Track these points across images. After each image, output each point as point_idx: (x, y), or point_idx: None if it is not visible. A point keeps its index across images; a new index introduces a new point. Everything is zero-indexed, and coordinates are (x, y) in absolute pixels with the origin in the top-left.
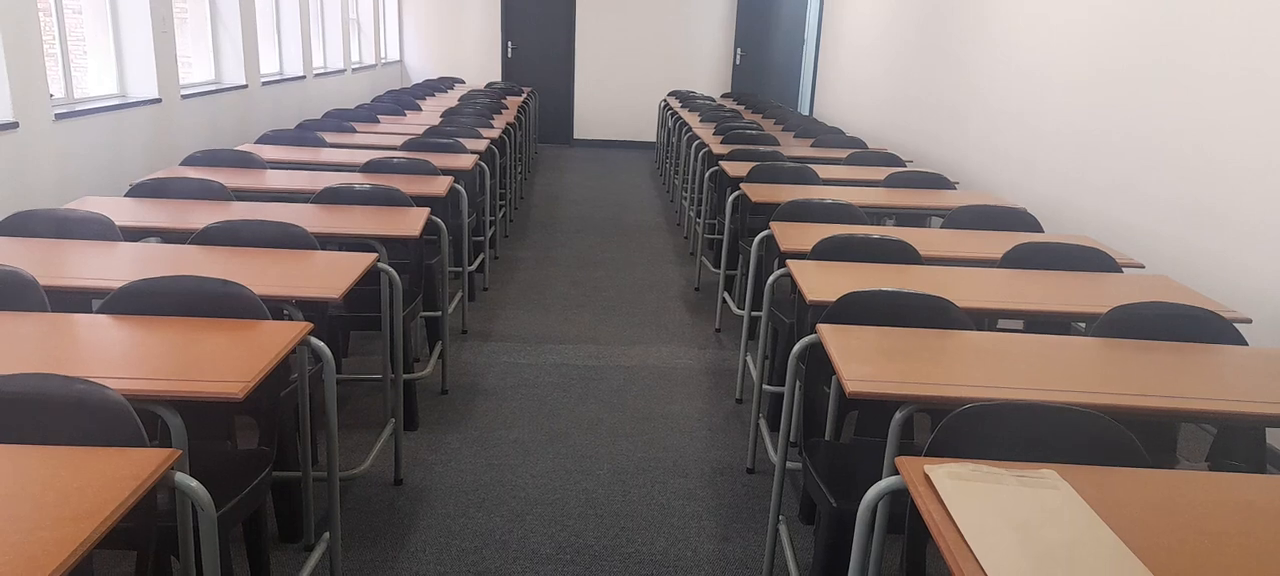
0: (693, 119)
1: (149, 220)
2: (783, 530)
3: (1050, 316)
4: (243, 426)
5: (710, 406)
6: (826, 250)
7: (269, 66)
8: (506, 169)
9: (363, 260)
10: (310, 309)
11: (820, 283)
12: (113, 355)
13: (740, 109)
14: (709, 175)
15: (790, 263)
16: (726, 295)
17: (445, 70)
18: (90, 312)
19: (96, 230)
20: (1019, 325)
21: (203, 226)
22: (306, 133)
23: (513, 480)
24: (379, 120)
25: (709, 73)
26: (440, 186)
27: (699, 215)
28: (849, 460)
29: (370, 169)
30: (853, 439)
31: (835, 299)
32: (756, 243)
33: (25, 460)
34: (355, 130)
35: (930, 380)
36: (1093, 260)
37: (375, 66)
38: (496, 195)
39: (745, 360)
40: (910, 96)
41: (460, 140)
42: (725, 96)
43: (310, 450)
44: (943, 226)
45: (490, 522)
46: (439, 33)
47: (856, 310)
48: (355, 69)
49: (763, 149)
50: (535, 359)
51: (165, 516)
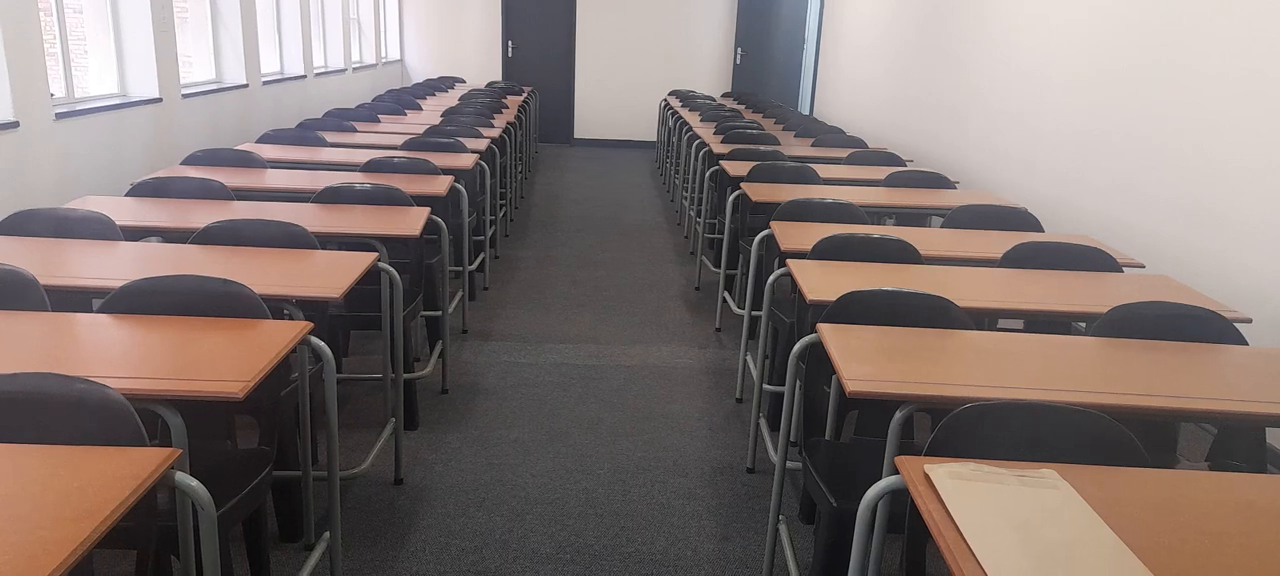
0: (693, 118)
1: (149, 219)
2: (783, 529)
3: (1050, 316)
4: (243, 426)
5: (710, 406)
6: (827, 250)
7: (270, 66)
8: (507, 168)
9: (363, 259)
10: (310, 308)
11: (820, 282)
12: (113, 354)
13: (741, 108)
14: (709, 175)
15: (790, 262)
16: (727, 295)
17: (446, 70)
18: (90, 312)
19: (97, 229)
20: (1019, 325)
21: (203, 226)
22: (307, 132)
23: (513, 479)
24: (379, 120)
25: (709, 72)
26: (441, 186)
27: (699, 214)
28: (849, 459)
29: (371, 168)
30: (853, 438)
31: (835, 298)
32: (757, 242)
33: (25, 459)
34: (356, 130)
35: (930, 380)
36: (1093, 260)
37: (376, 66)
38: (497, 194)
39: (745, 359)
40: (910, 96)
41: (461, 139)
42: (725, 96)
43: (310, 449)
44: (943, 226)
45: (490, 522)
46: (439, 32)
47: (856, 310)
48: (356, 68)
49: (763, 148)
50: (535, 358)
51: (165, 516)
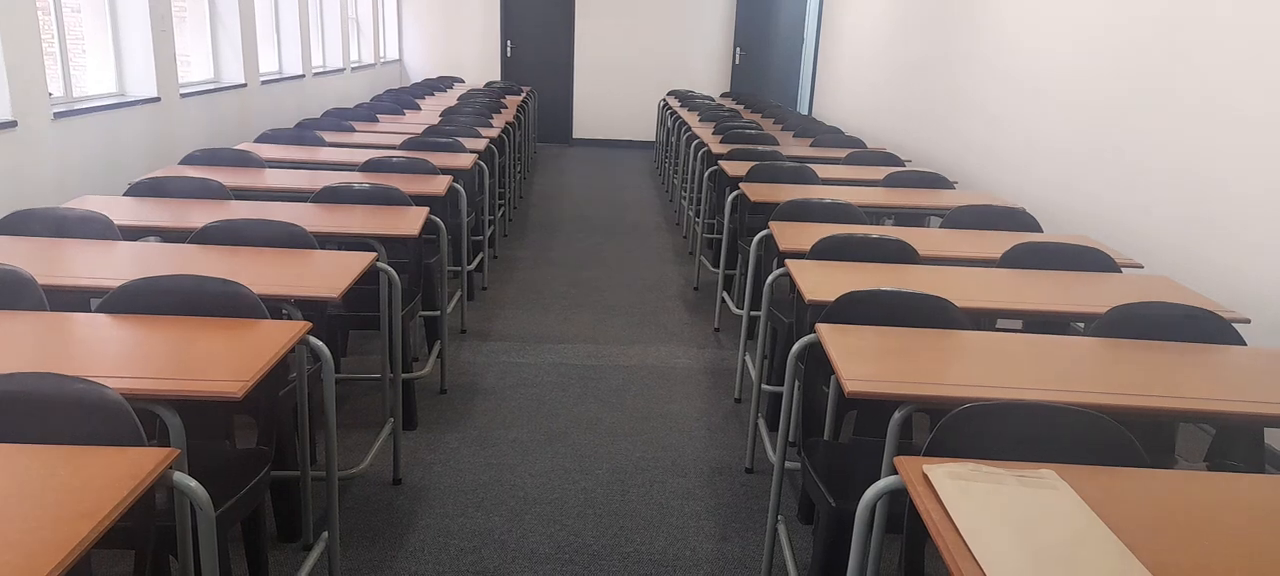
0: (692, 118)
1: (148, 219)
2: (781, 530)
3: (1049, 316)
4: (241, 426)
5: (709, 406)
6: (825, 250)
7: (268, 65)
8: (506, 168)
9: (362, 259)
10: (309, 308)
11: (819, 282)
12: (111, 354)
13: (739, 108)
14: (708, 175)
15: (789, 262)
16: (725, 295)
17: (444, 69)
18: (89, 312)
19: (95, 229)
20: (1018, 325)
21: (202, 225)
22: (305, 132)
23: (512, 479)
24: (378, 119)
25: (708, 72)
26: (439, 186)
27: (698, 215)
28: (848, 460)
29: (369, 168)
30: (851, 438)
31: (834, 298)
32: (755, 242)
33: (24, 459)
34: (354, 129)
35: (929, 380)
36: (1092, 260)
37: (374, 65)
38: (495, 194)
39: (744, 360)
40: (909, 96)
41: (459, 139)
42: (724, 96)
43: (309, 449)
44: (942, 226)
45: (489, 522)
46: (438, 32)
47: (855, 310)
48: (354, 68)
49: (762, 148)
50: (534, 358)
51: (164, 515)
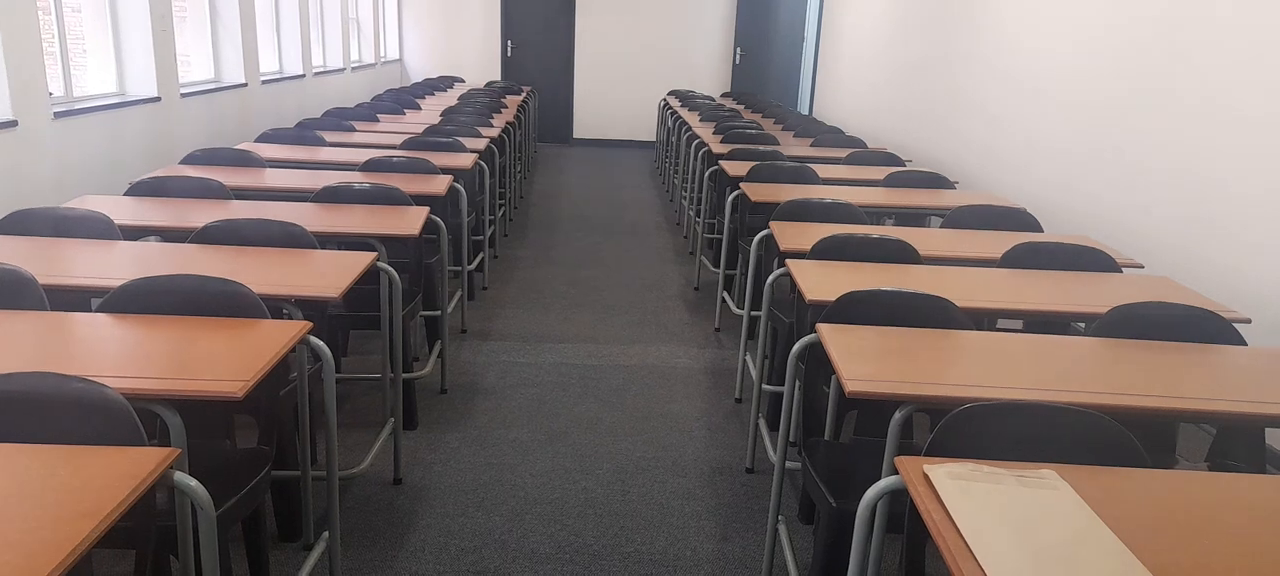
0: (692, 118)
1: (148, 219)
2: (782, 530)
3: (1050, 316)
4: (242, 425)
5: (710, 406)
6: (826, 250)
7: (268, 65)
8: (506, 168)
9: (362, 259)
10: (310, 308)
11: (820, 282)
12: (112, 354)
13: (740, 108)
14: (708, 174)
15: (790, 262)
16: (726, 294)
17: (445, 69)
18: (89, 311)
19: (96, 229)
20: (1019, 325)
21: (202, 225)
22: (306, 131)
23: (512, 479)
24: (378, 119)
25: (709, 72)
26: (440, 185)
27: (698, 214)
28: (848, 460)
29: (370, 168)
30: (852, 438)
31: (835, 298)
32: (756, 242)
33: (24, 459)
34: (355, 129)
35: (930, 380)
36: (1092, 260)
37: (375, 65)
38: (496, 194)
39: (744, 359)
40: (909, 96)
41: (460, 139)
42: (725, 96)
43: (309, 449)
44: (942, 226)
45: (489, 522)
46: (439, 32)
47: (856, 310)
48: (355, 68)
49: (762, 148)
50: (535, 358)
51: (164, 515)
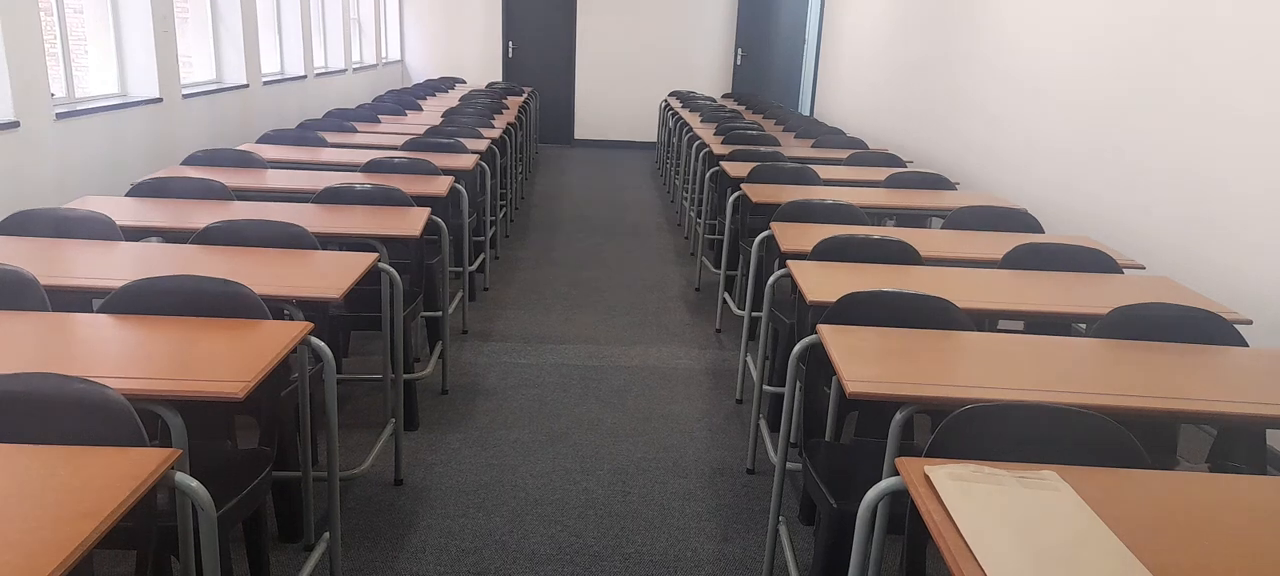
0: (693, 119)
1: (149, 220)
2: (782, 531)
3: (1051, 317)
4: (243, 426)
5: (710, 407)
6: (827, 251)
7: (270, 66)
8: (507, 169)
9: (363, 260)
10: (311, 309)
11: (821, 283)
12: (113, 354)
13: (741, 109)
14: (709, 175)
15: (791, 263)
16: (727, 295)
17: (446, 70)
18: (91, 312)
19: (97, 229)
20: (1020, 326)
21: (203, 226)
22: (307, 132)
23: (513, 480)
24: (380, 120)
25: (710, 73)
26: (441, 186)
27: (699, 215)
28: (849, 461)
29: (371, 169)
30: (853, 439)
31: (836, 299)
32: (757, 243)
33: (25, 459)
34: (356, 130)
35: (931, 381)
36: (1093, 261)
37: (376, 66)
38: (497, 195)
39: (745, 360)
40: (910, 96)
41: (461, 140)
42: (726, 97)
43: (310, 450)
44: (943, 227)
45: (490, 523)
46: (440, 33)
47: (857, 311)
48: (356, 69)
49: (763, 149)
50: (535, 359)
51: (165, 516)
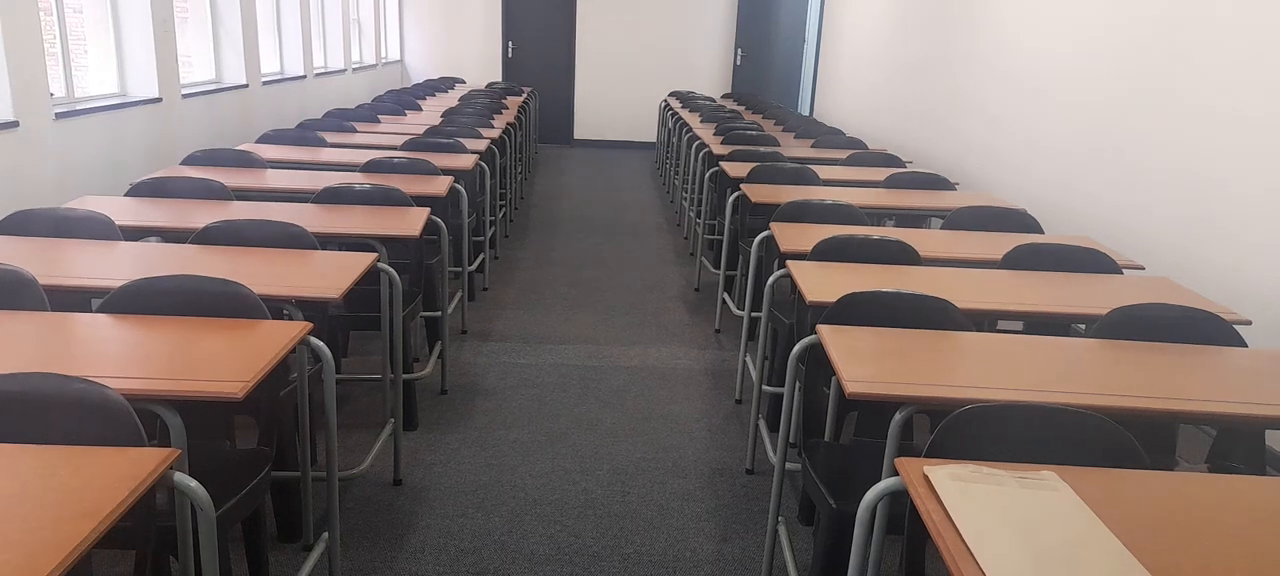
0: (693, 119)
1: (149, 219)
2: (782, 531)
3: (1050, 317)
4: (242, 426)
5: (710, 407)
6: (826, 251)
7: (269, 66)
8: (507, 169)
9: (363, 260)
10: (310, 308)
11: (820, 283)
12: (112, 354)
13: (740, 109)
14: (709, 175)
15: (790, 263)
16: (726, 296)
17: (445, 70)
18: (90, 312)
19: (96, 229)
20: (1019, 326)
21: (203, 226)
22: (307, 132)
23: (512, 480)
24: (379, 120)
25: (709, 73)
26: (440, 186)
27: (699, 215)
28: (848, 461)
29: (370, 169)
30: (852, 440)
31: (835, 300)
32: (756, 243)
33: (24, 459)
34: (356, 130)
35: (930, 381)
36: (1093, 261)
37: (376, 66)
38: (496, 195)
39: (745, 361)
40: (910, 96)
41: (460, 140)
42: (726, 97)
43: (309, 450)
44: (943, 227)
45: (489, 523)
46: (439, 33)
47: (856, 311)
48: (356, 69)
49: (763, 149)
50: (535, 359)
51: (164, 516)
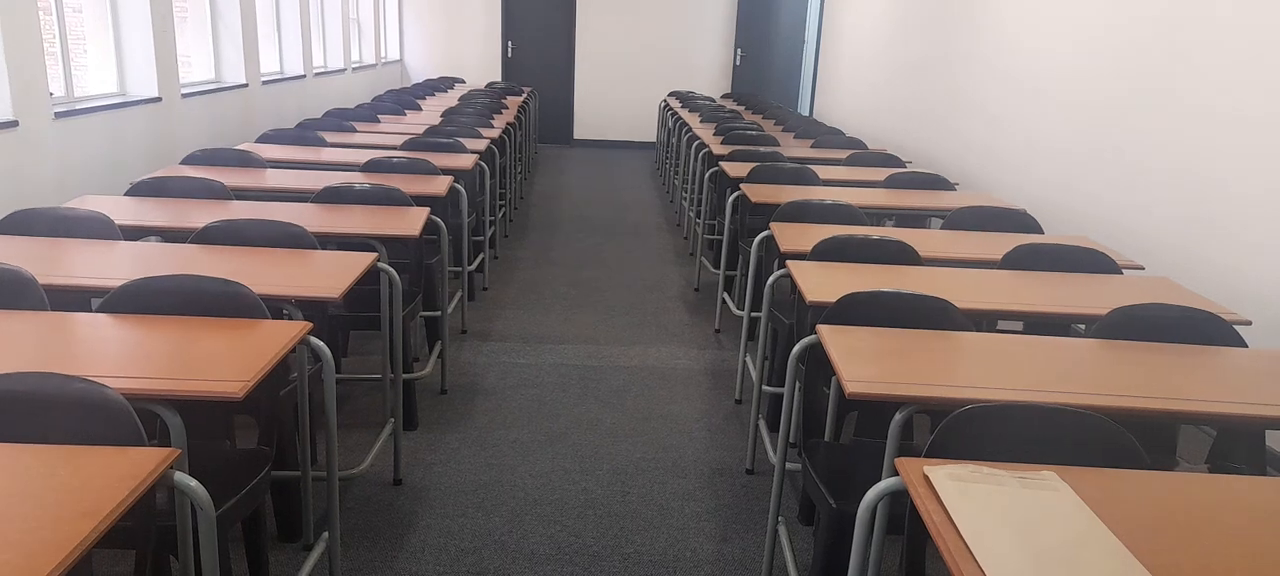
0: (693, 119)
1: (149, 219)
2: (782, 531)
3: (1050, 318)
4: (242, 426)
5: (710, 407)
6: (826, 251)
7: (269, 65)
8: (506, 169)
9: (362, 260)
10: (310, 308)
11: (820, 283)
12: (112, 354)
13: (740, 109)
14: (709, 175)
15: (790, 263)
16: (726, 296)
17: (445, 70)
18: (90, 311)
19: (96, 229)
20: (1019, 326)
21: (202, 225)
22: (307, 132)
23: (512, 480)
24: (379, 120)
25: (709, 73)
26: (440, 186)
27: (699, 215)
28: (848, 461)
29: (370, 168)
30: (852, 440)
31: (835, 300)
32: (756, 243)
33: (24, 459)
34: (355, 130)
35: (930, 381)
36: (1093, 261)
37: (375, 66)
38: (496, 195)
39: (745, 361)
40: (910, 96)
41: (460, 140)
42: (725, 97)
43: (309, 450)
44: (942, 227)
45: (489, 523)
46: (439, 32)
47: (856, 311)
48: (355, 68)
49: (763, 149)
50: (535, 359)
51: (164, 515)
